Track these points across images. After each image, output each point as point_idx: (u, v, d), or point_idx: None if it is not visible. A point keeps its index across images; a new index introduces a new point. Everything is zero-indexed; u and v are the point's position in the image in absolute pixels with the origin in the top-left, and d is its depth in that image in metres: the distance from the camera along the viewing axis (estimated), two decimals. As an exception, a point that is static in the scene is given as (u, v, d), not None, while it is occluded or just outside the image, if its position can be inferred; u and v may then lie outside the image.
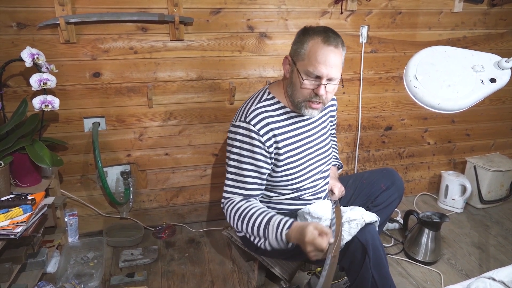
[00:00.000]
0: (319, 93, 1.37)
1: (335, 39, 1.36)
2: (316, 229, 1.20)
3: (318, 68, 1.33)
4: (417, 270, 1.97)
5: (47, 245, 1.85)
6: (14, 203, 1.52)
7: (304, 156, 1.53)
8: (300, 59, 1.38)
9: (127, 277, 1.85)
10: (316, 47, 1.34)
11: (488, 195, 2.54)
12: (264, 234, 1.33)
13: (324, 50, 1.33)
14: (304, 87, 1.37)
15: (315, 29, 1.39)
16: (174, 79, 2.05)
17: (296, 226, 1.27)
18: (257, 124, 1.42)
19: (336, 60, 1.36)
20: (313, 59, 1.34)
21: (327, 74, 1.34)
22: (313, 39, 1.35)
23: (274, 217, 1.33)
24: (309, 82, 1.37)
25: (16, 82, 1.85)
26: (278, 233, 1.29)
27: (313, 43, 1.35)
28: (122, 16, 1.85)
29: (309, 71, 1.35)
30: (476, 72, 1.23)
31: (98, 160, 1.98)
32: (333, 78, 1.37)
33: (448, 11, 2.34)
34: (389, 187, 1.67)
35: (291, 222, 1.29)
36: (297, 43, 1.41)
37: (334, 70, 1.35)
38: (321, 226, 1.22)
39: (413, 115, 2.54)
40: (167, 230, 2.22)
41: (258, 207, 1.40)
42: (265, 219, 1.34)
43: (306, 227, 1.21)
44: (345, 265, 1.39)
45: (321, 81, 1.35)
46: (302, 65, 1.37)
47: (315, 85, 1.37)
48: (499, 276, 1.23)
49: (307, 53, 1.36)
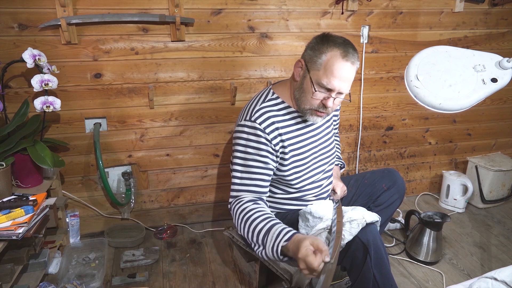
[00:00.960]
0: (327, 105, 1.38)
1: (353, 55, 1.35)
2: (312, 245, 1.12)
3: (333, 82, 1.33)
4: (418, 270, 1.97)
5: (49, 246, 1.85)
6: (15, 204, 1.52)
7: (308, 156, 1.53)
8: (315, 68, 1.36)
9: (129, 278, 1.85)
10: (333, 60, 1.33)
11: (490, 195, 2.54)
12: (263, 241, 1.27)
13: (341, 65, 1.32)
14: (315, 97, 1.38)
15: (335, 40, 1.36)
16: (175, 79, 2.06)
17: (296, 238, 1.18)
18: (263, 123, 1.42)
19: (351, 76, 1.37)
20: (329, 72, 1.33)
21: (339, 89, 1.35)
22: (332, 51, 1.33)
23: (276, 225, 1.27)
24: (320, 94, 1.37)
25: (18, 83, 1.86)
26: (276, 243, 1.22)
27: (331, 55, 1.33)
28: (123, 17, 1.86)
29: (322, 83, 1.35)
30: (477, 72, 1.22)
31: (100, 161, 1.98)
32: (343, 92, 1.38)
33: (449, 11, 2.33)
34: (390, 187, 1.68)
35: (292, 233, 1.22)
36: (314, 50, 1.38)
37: (346, 85, 1.37)
38: (318, 242, 1.12)
39: (414, 115, 2.54)
40: (169, 231, 2.23)
41: (264, 212, 1.34)
42: (267, 226, 1.28)
43: (302, 241, 1.13)
44: (347, 265, 1.39)
45: (331, 94, 1.36)
46: (316, 75, 1.36)
47: (325, 97, 1.37)
48: (501, 276, 1.23)
49: (323, 64, 1.34)
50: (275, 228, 1.26)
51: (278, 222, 1.29)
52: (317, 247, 1.11)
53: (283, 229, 1.24)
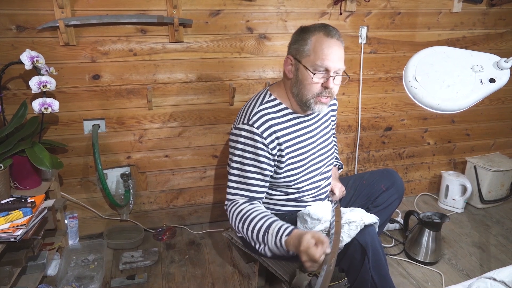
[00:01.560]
0: (329, 86, 1.38)
1: (336, 32, 1.39)
2: (313, 238, 1.17)
3: (326, 60, 1.35)
4: (417, 270, 1.97)
5: (48, 247, 1.85)
6: (14, 206, 1.51)
7: (306, 157, 1.53)
8: (305, 55, 1.38)
9: (128, 280, 1.85)
10: (320, 41, 1.36)
11: (489, 195, 2.54)
12: (263, 239, 1.32)
13: (328, 42, 1.36)
14: (314, 81, 1.38)
15: (314, 26, 1.41)
16: (174, 81, 2.06)
17: (296, 233, 1.23)
18: (260, 127, 1.41)
19: (341, 52, 1.39)
20: (320, 52, 1.35)
21: (334, 66, 1.36)
22: (315, 35, 1.37)
23: (274, 223, 1.31)
24: (319, 75, 1.38)
25: (16, 85, 1.85)
26: (277, 240, 1.27)
27: (316, 38, 1.37)
28: (121, 18, 1.85)
29: (317, 65, 1.36)
30: (475, 72, 1.22)
31: (98, 162, 1.98)
32: (339, 70, 1.39)
33: (447, 11, 2.34)
34: (389, 188, 1.67)
35: (291, 229, 1.27)
36: (297, 41, 1.41)
37: (340, 63, 1.38)
38: (318, 235, 1.17)
39: (413, 116, 2.54)
40: (168, 232, 2.22)
41: (260, 211, 1.38)
42: (265, 224, 1.32)
43: (303, 235, 1.18)
44: (345, 266, 1.39)
45: (330, 74, 1.37)
46: (308, 60, 1.37)
47: (324, 79, 1.38)
48: (500, 276, 1.23)
49: (312, 48, 1.37)
50: (274, 225, 1.30)
51: (276, 219, 1.34)
52: (318, 239, 1.16)
53: (282, 225, 1.29)
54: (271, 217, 1.35)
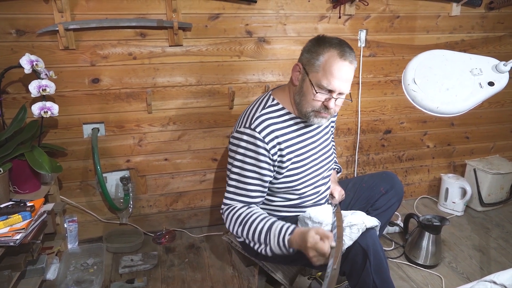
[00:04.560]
0: (329, 107, 1.37)
1: (350, 54, 1.35)
2: (317, 233, 1.20)
3: (333, 83, 1.33)
4: (418, 273, 1.97)
5: (47, 251, 1.84)
6: (13, 210, 1.51)
7: (308, 163, 1.53)
8: (314, 70, 1.36)
9: (127, 283, 1.84)
10: (332, 61, 1.33)
11: (488, 197, 2.54)
12: (265, 240, 1.32)
13: (340, 65, 1.33)
14: (316, 99, 1.37)
15: (331, 40, 1.37)
16: (173, 84, 2.06)
17: (298, 231, 1.26)
18: (262, 131, 1.40)
19: (350, 75, 1.37)
20: (328, 73, 1.33)
21: (339, 89, 1.35)
22: (329, 52, 1.34)
23: (275, 223, 1.33)
24: (321, 95, 1.37)
25: (15, 89, 1.86)
26: (281, 239, 1.28)
27: (329, 56, 1.33)
28: (120, 22, 1.86)
29: (322, 85, 1.34)
30: (474, 76, 1.23)
31: (98, 166, 1.98)
32: (343, 92, 1.38)
33: (446, 15, 2.34)
34: (388, 191, 1.67)
35: (293, 228, 1.29)
36: (311, 52, 1.38)
37: (346, 85, 1.37)
38: (322, 230, 1.22)
39: (412, 119, 2.54)
40: (167, 236, 2.22)
41: (259, 214, 1.39)
42: (267, 225, 1.33)
43: (307, 233, 1.21)
44: (346, 269, 1.39)
45: (332, 95, 1.36)
46: (315, 76, 1.36)
47: (326, 98, 1.37)
48: (500, 279, 1.23)
49: (322, 65, 1.34)
50: (275, 225, 1.32)
51: (276, 220, 1.35)
52: (323, 234, 1.20)
53: (283, 225, 1.31)
54: (271, 218, 1.37)
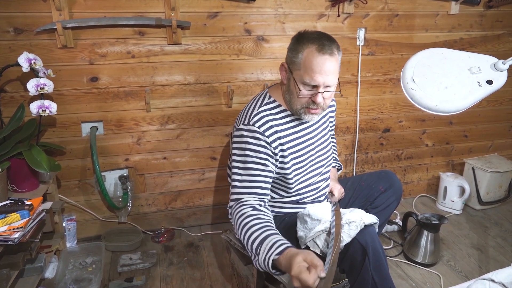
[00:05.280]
0: (317, 101, 1.37)
1: (330, 46, 1.33)
2: (305, 260, 1.06)
3: (315, 78, 1.32)
4: (416, 272, 1.97)
5: (45, 250, 1.84)
6: (11, 208, 1.51)
7: (306, 159, 1.53)
8: (296, 68, 1.37)
9: (126, 282, 1.84)
10: (311, 56, 1.32)
11: (487, 196, 2.55)
12: (257, 251, 1.23)
13: (319, 59, 1.32)
14: (301, 96, 1.37)
15: (309, 36, 1.36)
16: (172, 83, 2.05)
17: (288, 253, 1.12)
18: (261, 126, 1.41)
19: (332, 67, 1.34)
20: (309, 69, 1.33)
21: (323, 83, 1.34)
22: (307, 48, 1.33)
23: (271, 236, 1.22)
24: (306, 92, 1.36)
25: (13, 87, 1.85)
26: (267, 256, 1.17)
27: (307, 52, 1.33)
28: (119, 21, 1.85)
29: (305, 82, 1.34)
30: (473, 74, 1.23)
31: (96, 164, 1.97)
32: (330, 85, 1.37)
33: (444, 13, 2.34)
34: (387, 189, 1.67)
35: (285, 247, 1.15)
36: (292, 50, 1.39)
37: (330, 78, 1.34)
38: (311, 257, 1.06)
39: (411, 117, 2.54)
40: (166, 234, 2.22)
41: (261, 220, 1.30)
42: (262, 236, 1.23)
43: (295, 258, 1.07)
44: (345, 267, 1.39)
45: (318, 90, 1.35)
46: (298, 74, 1.36)
47: (313, 94, 1.37)
48: (499, 278, 1.23)
49: (302, 62, 1.34)
50: (269, 240, 1.21)
51: (274, 233, 1.24)
52: (311, 263, 1.05)
53: (277, 241, 1.19)
54: (270, 229, 1.26)
